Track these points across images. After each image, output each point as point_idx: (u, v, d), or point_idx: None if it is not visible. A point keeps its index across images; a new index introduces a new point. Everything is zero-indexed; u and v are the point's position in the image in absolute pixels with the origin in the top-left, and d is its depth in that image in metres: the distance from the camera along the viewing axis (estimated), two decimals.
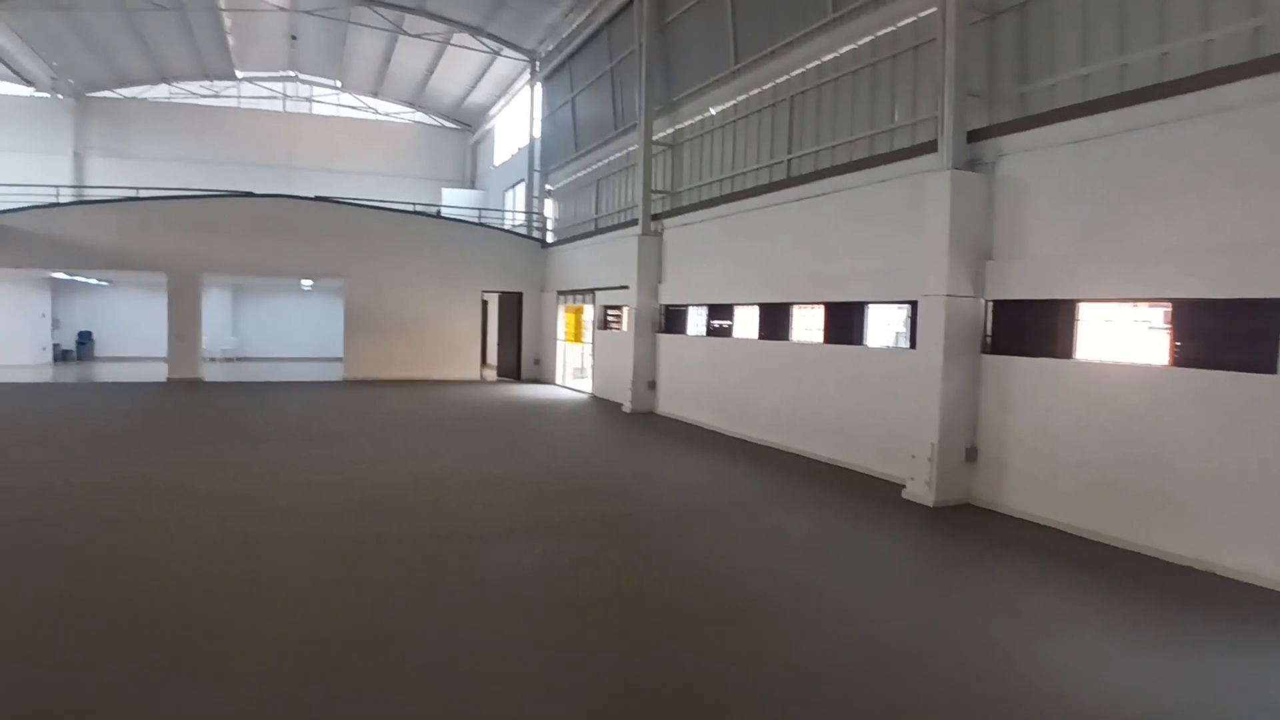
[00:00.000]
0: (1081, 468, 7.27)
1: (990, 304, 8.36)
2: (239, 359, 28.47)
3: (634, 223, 16.68)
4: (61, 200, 19.99)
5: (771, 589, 5.73)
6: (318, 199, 22.10)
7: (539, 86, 24.24)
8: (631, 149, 17.46)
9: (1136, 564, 6.40)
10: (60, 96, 27.89)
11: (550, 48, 22.77)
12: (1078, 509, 7.31)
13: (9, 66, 24.99)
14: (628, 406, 16.31)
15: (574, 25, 20.76)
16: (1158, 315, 6.88)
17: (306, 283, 24.42)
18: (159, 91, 30.09)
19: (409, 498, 8.35)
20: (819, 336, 11.44)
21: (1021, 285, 8.00)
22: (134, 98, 29.81)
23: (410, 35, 24.02)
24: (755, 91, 13.57)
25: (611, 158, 19.80)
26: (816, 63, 11.92)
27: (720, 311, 14.21)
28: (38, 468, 9.34)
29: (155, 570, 5.75)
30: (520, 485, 9.14)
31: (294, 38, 26.47)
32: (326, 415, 15.18)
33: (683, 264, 15.47)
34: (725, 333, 14.04)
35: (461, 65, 26.69)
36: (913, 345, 9.17)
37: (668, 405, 15.80)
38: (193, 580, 5.52)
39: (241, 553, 6.21)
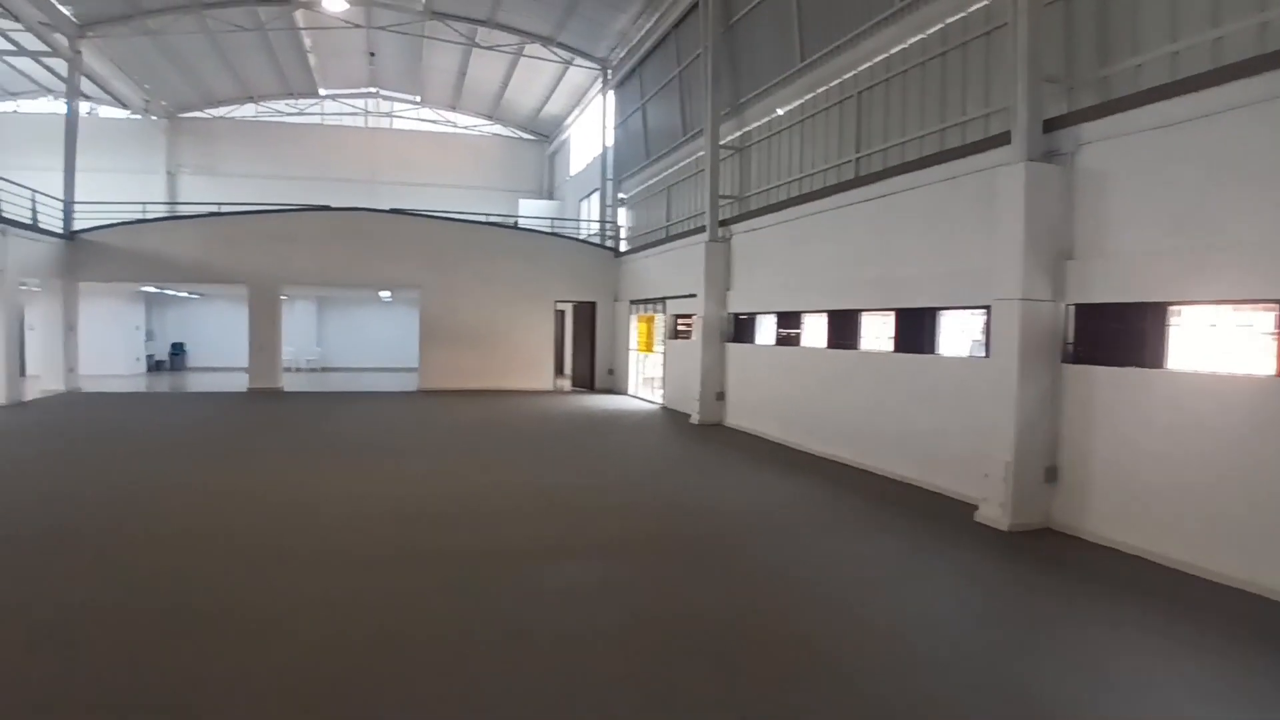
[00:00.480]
0: (1176, 491, 6.46)
1: (1071, 308, 7.60)
2: (323, 369, 29.47)
3: (703, 230, 16.28)
4: (149, 216, 20.87)
5: (826, 619, 5.25)
6: (392, 211, 22.59)
7: (611, 95, 24.17)
8: (700, 155, 17.09)
9: (1242, 604, 5.61)
10: (154, 118, 29.53)
11: (621, 55, 22.65)
12: (1171, 538, 6.50)
13: (104, 90, 26.66)
14: (695, 418, 15.90)
15: (643, 31, 20.56)
16: (1266, 319, 6.05)
17: (385, 294, 24.96)
18: (247, 110, 31.57)
19: (459, 512, 8.23)
20: (889, 345, 10.79)
21: (1105, 287, 7.23)
22: (222, 117, 31.39)
23: (483, 48, 24.33)
24: (822, 89, 13.02)
25: (681, 164, 19.47)
26: (884, 55, 11.31)
27: (788, 319, 13.67)
28: (95, 475, 9.67)
29: (222, 577, 5.72)
30: (578, 500, 8.94)
31: (372, 55, 27.27)
32: (394, 426, 15.39)
33: (751, 271, 14.99)
34: (793, 341, 13.49)
35: (535, 76, 26.90)
36: (988, 354, 8.47)
37: (736, 417, 15.32)
38: (238, 589, 5.45)
39: (275, 559, 6.14)
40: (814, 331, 12.85)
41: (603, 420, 16.60)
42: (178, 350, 28.73)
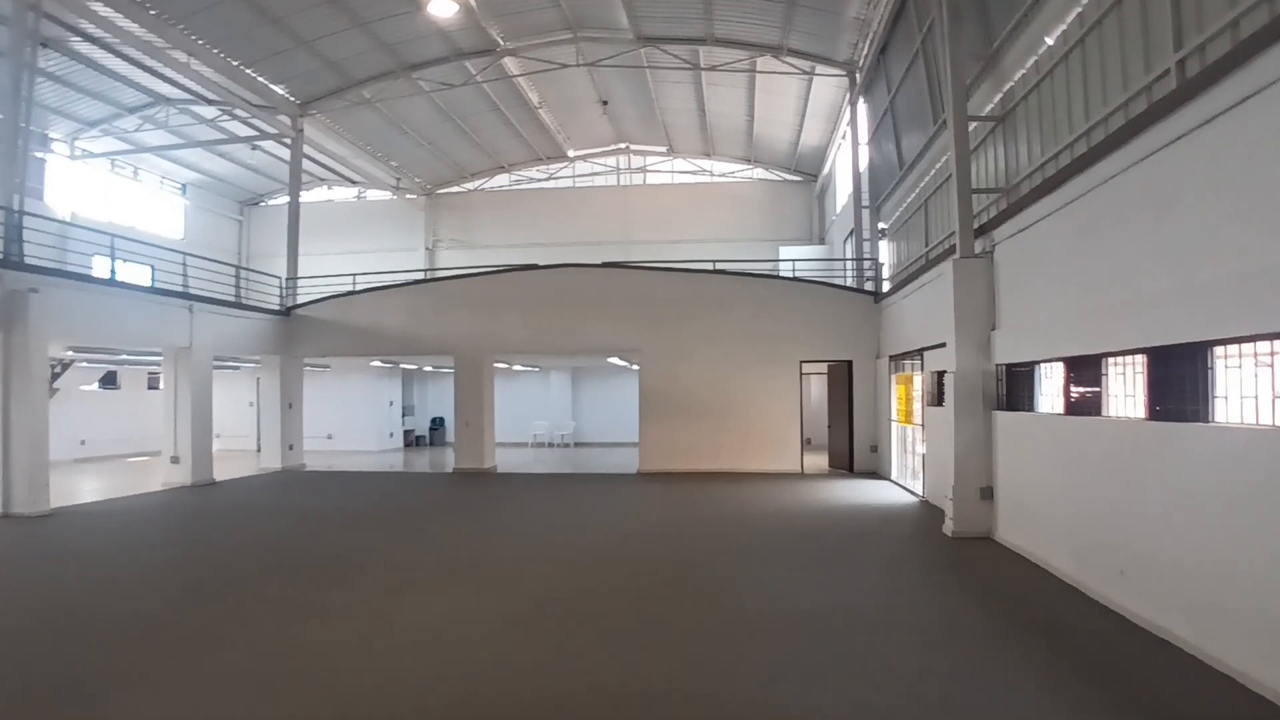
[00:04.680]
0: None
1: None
2: (576, 444, 27.68)
3: (954, 248, 11.05)
4: (359, 288, 20.57)
5: None
6: (605, 265, 19.98)
7: (861, 104, 19.46)
8: None
9: None
10: (411, 196, 30.72)
11: (864, 51, 18.00)
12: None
13: (353, 171, 28.42)
14: (949, 526, 10.44)
15: (880, 7, 15.84)
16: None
17: (615, 360, 22.27)
18: (500, 181, 31.81)
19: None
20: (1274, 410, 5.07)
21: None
22: (476, 189, 31.95)
23: (707, 69, 21.25)
24: None
25: (936, 166, 14.25)
26: None
27: (1082, 369, 8.00)
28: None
29: None
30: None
31: (605, 103, 25.62)
32: (580, 523, 12.25)
33: (1025, 296, 9.47)
34: (1090, 407, 7.79)
35: (779, 100, 23.11)
36: None
37: (1010, 528, 9.63)
38: None
39: None
40: (1123, 387, 7.15)
41: (829, 526, 11.72)
42: (437, 425, 28.81)
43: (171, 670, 5.69)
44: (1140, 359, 6.69)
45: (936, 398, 12.72)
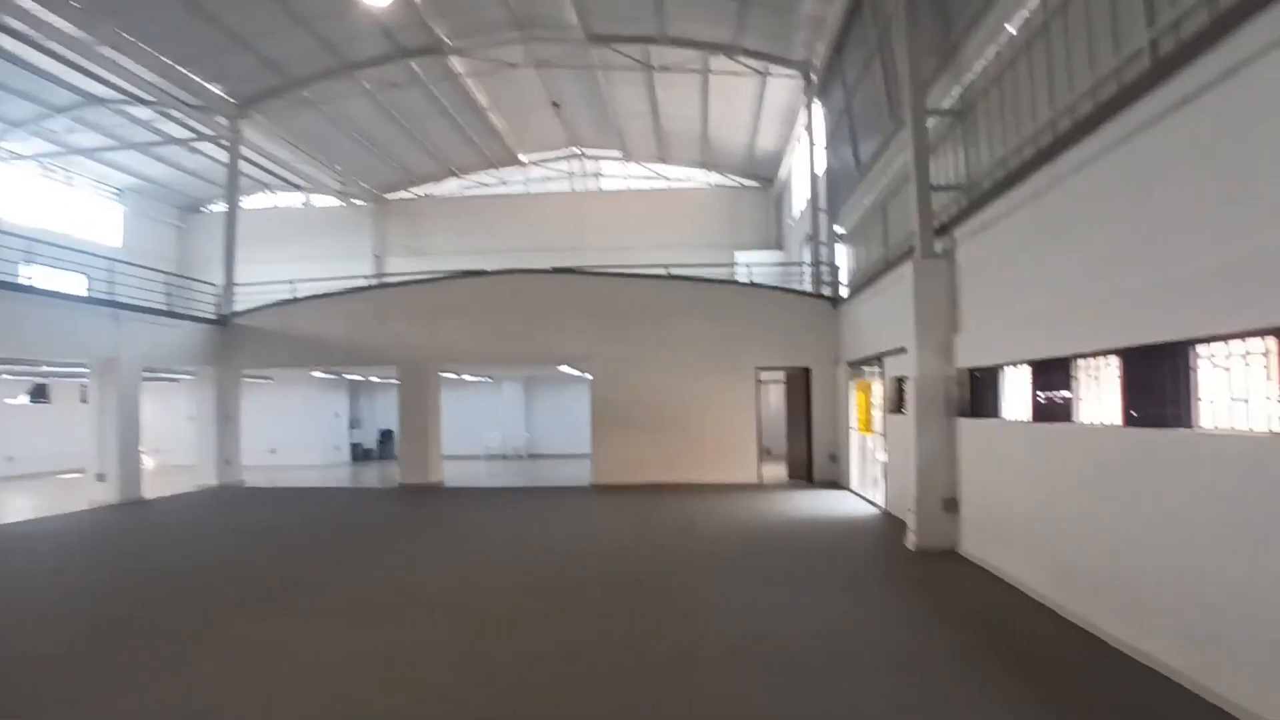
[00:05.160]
0: None
1: None
2: (530, 456, 26.87)
3: (914, 249, 10.58)
4: (300, 295, 19.61)
5: None
6: (555, 270, 19.31)
7: (817, 106, 19.08)
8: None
9: None
10: (359, 202, 29.72)
11: (820, 50, 17.60)
12: None
13: (296, 175, 27.37)
14: (911, 539, 9.92)
15: (835, 3, 15.44)
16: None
17: (566, 368, 21.53)
18: (450, 187, 30.94)
19: None
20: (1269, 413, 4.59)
21: None
22: (427, 195, 31.08)
23: (660, 70, 20.77)
24: None
25: (894, 166, 13.83)
26: None
27: (1050, 373, 7.51)
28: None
29: None
30: None
31: (556, 105, 24.96)
32: (524, 542, 11.42)
33: (987, 298, 9.01)
34: (1060, 413, 7.30)
35: (733, 102, 22.68)
36: None
37: (976, 542, 9.13)
38: None
39: None
40: (1098, 392, 6.66)
41: (783, 540, 11.12)
42: (385, 438, 27.78)
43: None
44: (1115, 360, 6.20)
45: (897, 405, 12.25)
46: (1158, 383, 5.67)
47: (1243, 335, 4.78)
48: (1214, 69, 4.93)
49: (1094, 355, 6.56)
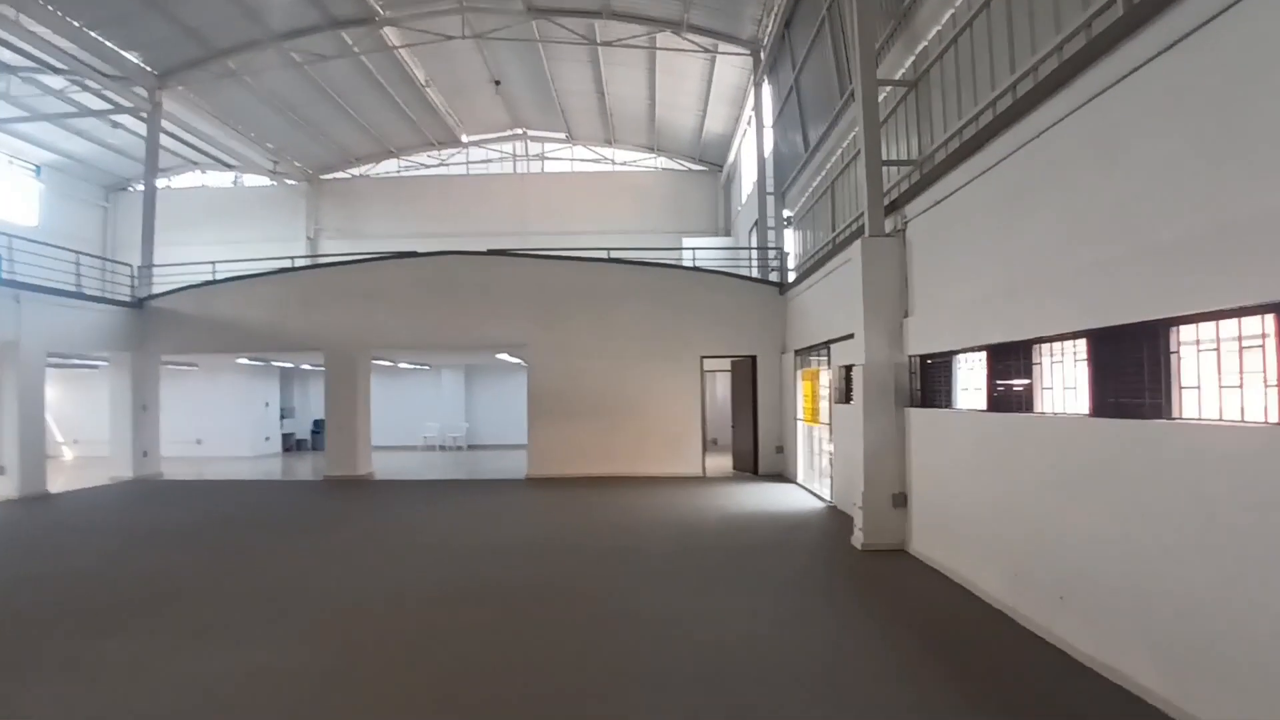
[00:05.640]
0: None
1: None
2: (469, 447, 25.88)
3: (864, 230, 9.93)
4: (220, 277, 18.37)
5: None
6: (490, 252, 18.40)
7: (766, 87, 18.42)
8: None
9: None
10: (292, 182, 28.32)
11: (769, 27, 16.92)
12: None
13: (228, 155, 26.05)
14: (858, 537, 9.31)
15: None
16: None
17: (503, 355, 20.59)
18: (388, 166, 29.71)
19: None
20: (1266, 402, 3.99)
21: None
22: (363, 175, 29.76)
23: (604, 45, 19.89)
24: None
25: (844, 144, 13.25)
26: None
27: (1008, 359, 6.90)
28: None
29: None
30: None
31: (497, 82, 23.88)
32: (443, 541, 10.39)
33: (940, 279, 8.39)
34: (1018, 403, 6.70)
35: (680, 82, 21.92)
36: None
37: (928, 539, 8.55)
38: None
39: None
40: (1060, 379, 6.07)
41: (724, 537, 10.42)
42: (319, 428, 26.48)
43: None
44: (1081, 344, 5.60)
45: (844, 394, 11.63)
46: (1131, 368, 5.06)
47: (1234, 314, 4.16)
48: (1202, 10, 4.30)
49: (1057, 339, 5.95)
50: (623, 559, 9.06)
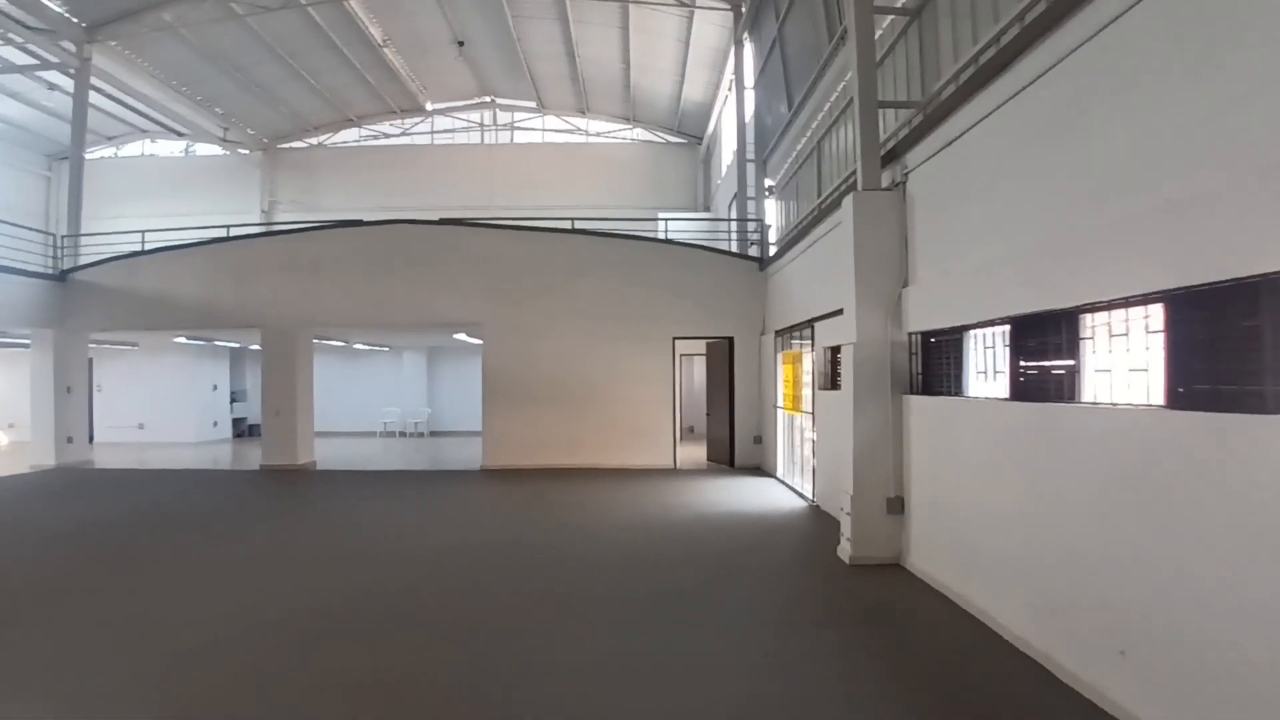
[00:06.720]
0: None
1: None
2: (431, 434, 24.31)
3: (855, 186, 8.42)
4: (149, 247, 16.72)
5: None
6: (442, 222, 16.85)
7: (748, 45, 16.86)
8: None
9: None
10: (245, 150, 26.62)
11: None
12: None
13: (172, 120, 24.37)
14: (846, 549, 7.86)
15: None
16: None
17: (460, 336, 19.01)
18: (348, 135, 27.97)
19: None
20: None
21: None
22: (321, 144, 28.00)
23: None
24: None
25: (832, 98, 11.73)
26: None
27: (1042, 333, 5.42)
28: None
29: None
30: None
31: (460, 43, 22.14)
32: (365, 549, 8.78)
33: (952, 234, 6.89)
34: (1056, 390, 5.22)
35: (656, 43, 20.30)
36: None
37: (930, 554, 7.10)
38: None
39: None
40: (1120, 360, 4.60)
41: (688, 550, 8.91)
42: None
43: None
44: (1157, 310, 4.13)
45: (831, 380, 10.20)
46: (1234, 343, 3.60)
47: None
48: None
49: (1116, 306, 4.48)
50: (558, 580, 7.50)
